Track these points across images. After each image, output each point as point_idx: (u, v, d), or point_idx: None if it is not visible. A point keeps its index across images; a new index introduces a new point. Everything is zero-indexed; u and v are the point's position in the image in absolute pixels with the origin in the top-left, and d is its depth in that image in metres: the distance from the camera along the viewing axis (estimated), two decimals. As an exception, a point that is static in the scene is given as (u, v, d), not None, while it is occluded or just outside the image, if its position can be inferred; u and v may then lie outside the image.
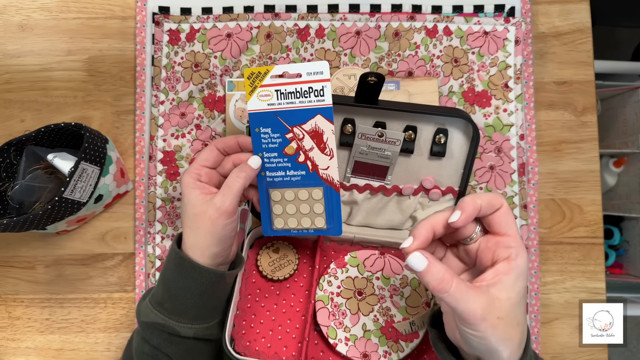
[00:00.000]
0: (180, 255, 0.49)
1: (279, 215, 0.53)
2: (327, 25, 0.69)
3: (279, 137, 0.50)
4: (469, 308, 0.37)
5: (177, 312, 0.50)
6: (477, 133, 0.54)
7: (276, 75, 0.48)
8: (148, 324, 0.50)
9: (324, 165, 0.51)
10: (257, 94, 0.49)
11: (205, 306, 0.51)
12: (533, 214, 0.67)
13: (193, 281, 0.49)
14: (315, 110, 0.48)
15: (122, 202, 0.68)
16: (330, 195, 0.52)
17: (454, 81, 0.68)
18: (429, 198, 0.60)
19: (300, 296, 0.58)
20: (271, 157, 0.51)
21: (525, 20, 0.69)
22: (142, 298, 0.54)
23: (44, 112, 0.69)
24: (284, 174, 0.51)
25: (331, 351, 0.55)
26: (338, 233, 0.53)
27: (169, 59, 0.69)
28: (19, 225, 0.55)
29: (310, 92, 0.48)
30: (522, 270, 0.40)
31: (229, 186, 0.49)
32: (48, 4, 0.70)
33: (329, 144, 0.50)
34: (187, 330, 0.50)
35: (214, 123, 0.68)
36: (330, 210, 0.52)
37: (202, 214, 0.48)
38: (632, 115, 1.22)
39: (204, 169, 0.51)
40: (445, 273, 0.38)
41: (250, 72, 0.49)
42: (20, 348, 0.67)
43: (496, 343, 0.38)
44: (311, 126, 0.49)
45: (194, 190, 0.49)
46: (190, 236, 0.49)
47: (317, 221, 0.53)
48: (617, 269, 1.28)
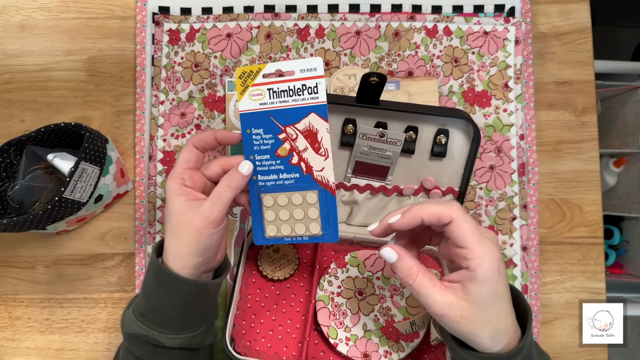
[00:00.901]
0: (158, 266, 0.47)
1: (272, 222, 0.50)
2: (327, 25, 0.69)
3: (272, 138, 0.48)
4: (429, 302, 0.41)
5: (160, 323, 0.48)
6: (478, 134, 0.54)
7: (269, 74, 0.47)
8: (131, 335, 0.48)
9: (318, 167, 0.48)
10: (249, 94, 0.47)
11: (189, 316, 0.49)
12: (533, 214, 0.67)
13: (173, 292, 0.47)
14: (309, 108, 0.47)
15: (122, 202, 0.68)
16: (326, 199, 0.49)
17: (454, 81, 0.68)
18: (429, 198, 0.60)
19: (301, 296, 0.58)
20: (263, 159, 0.49)
21: (525, 20, 0.69)
22: (126, 307, 0.52)
23: (44, 112, 0.69)
24: (276, 177, 0.49)
25: (332, 351, 0.55)
26: (334, 240, 0.50)
27: (169, 59, 0.68)
28: (19, 225, 0.55)
29: (304, 89, 0.46)
30: (487, 276, 0.40)
31: (218, 196, 0.46)
32: (48, 4, 0.70)
33: (324, 144, 0.48)
34: (172, 340, 0.48)
35: (214, 123, 0.68)
36: (326, 214, 0.50)
37: (187, 221, 0.46)
38: (632, 115, 1.22)
39: (187, 172, 0.48)
40: (412, 268, 0.42)
41: (242, 72, 0.47)
42: (20, 348, 0.67)
43: (464, 334, 0.41)
44: (305, 125, 0.47)
45: (179, 196, 0.47)
46: (172, 245, 0.47)
47: (312, 227, 0.50)
48: (617, 269, 1.28)
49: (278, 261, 0.59)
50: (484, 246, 0.40)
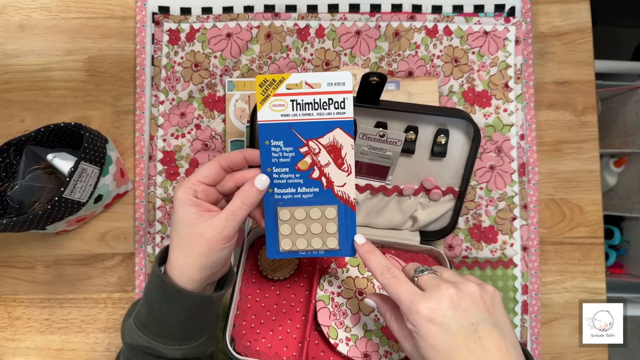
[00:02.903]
0: (162, 278, 0.45)
1: (287, 236, 0.49)
2: (327, 25, 0.69)
3: (292, 151, 0.46)
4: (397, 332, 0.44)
5: (163, 334, 0.46)
6: (478, 134, 0.54)
7: (292, 84, 0.45)
8: (133, 346, 0.47)
9: (340, 182, 0.47)
10: (270, 104, 0.45)
11: (193, 327, 0.47)
12: (533, 214, 0.67)
13: (178, 305, 0.45)
14: (335, 123, 0.45)
15: (122, 202, 0.68)
16: (345, 214, 0.48)
17: (454, 81, 0.68)
18: (429, 198, 0.60)
19: (301, 296, 0.58)
20: (281, 172, 0.47)
21: (525, 20, 0.69)
22: (126, 315, 0.51)
23: (43, 112, 0.69)
24: (294, 191, 0.47)
25: (332, 351, 0.55)
26: (351, 254, 0.49)
27: (168, 58, 0.68)
28: (19, 225, 0.55)
29: (330, 103, 0.45)
30: (433, 343, 0.39)
31: (233, 212, 0.45)
32: (48, 4, 0.70)
33: (347, 160, 0.46)
34: (175, 352, 0.47)
35: (214, 123, 0.68)
36: (344, 229, 0.48)
37: (198, 235, 0.44)
38: (632, 115, 1.22)
39: (202, 186, 0.46)
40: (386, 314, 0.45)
41: (262, 80, 0.44)
42: (20, 348, 0.67)
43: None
44: (329, 140, 0.46)
45: (190, 207, 0.45)
46: (179, 257, 0.45)
47: (330, 242, 0.49)
48: (617, 269, 1.28)
49: (278, 261, 0.59)
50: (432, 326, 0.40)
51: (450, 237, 0.67)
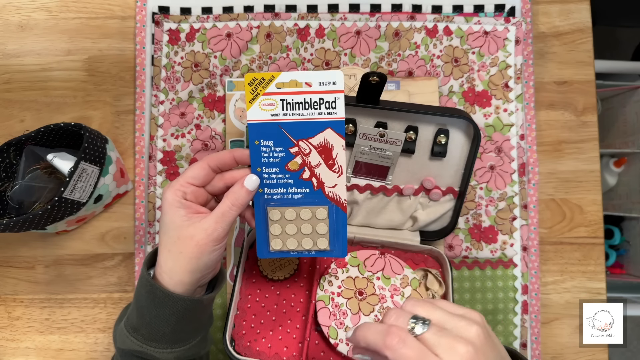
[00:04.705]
0: (150, 282, 0.45)
1: (277, 236, 0.49)
2: (327, 25, 0.69)
3: (282, 152, 0.46)
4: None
5: (154, 338, 0.46)
6: (478, 134, 0.54)
7: (282, 83, 0.44)
8: (125, 350, 0.47)
9: (330, 183, 0.47)
10: (259, 103, 0.44)
11: (184, 330, 0.47)
12: (533, 214, 0.67)
13: (168, 309, 0.45)
14: (326, 123, 0.44)
15: (122, 202, 0.68)
16: (336, 215, 0.48)
17: (454, 81, 0.68)
18: (429, 198, 0.60)
19: (301, 296, 0.58)
20: (271, 172, 0.46)
21: (525, 20, 0.69)
22: (118, 319, 0.50)
23: (43, 112, 0.69)
24: (284, 192, 0.47)
25: (332, 351, 0.55)
26: (342, 255, 0.49)
27: (168, 58, 0.68)
28: (19, 225, 0.55)
29: (321, 103, 0.44)
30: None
31: (222, 214, 0.44)
32: (48, 4, 0.70)
33: (339, 161, 0.46)
34: (167, 355, 0.46)
35: (214, 123, 0.68)
36: (335, 230, 0.48)
37: (188, 237, 0.44)
38: (632, 115, 1.22)
39: (191, 187, 0.45)
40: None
41: (252, 78, 0.43)
42: (19, 348, 0.67)
43: None
44: (320, 140, 0.45)
45: (179, 210, 0.44)
46: (168, 260, 0.45)
47: (320, 242, 0.49)
48: (617, 269, 1.28)
49: (278, 261, 0.59)
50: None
51: (450, 237, 0.67)
